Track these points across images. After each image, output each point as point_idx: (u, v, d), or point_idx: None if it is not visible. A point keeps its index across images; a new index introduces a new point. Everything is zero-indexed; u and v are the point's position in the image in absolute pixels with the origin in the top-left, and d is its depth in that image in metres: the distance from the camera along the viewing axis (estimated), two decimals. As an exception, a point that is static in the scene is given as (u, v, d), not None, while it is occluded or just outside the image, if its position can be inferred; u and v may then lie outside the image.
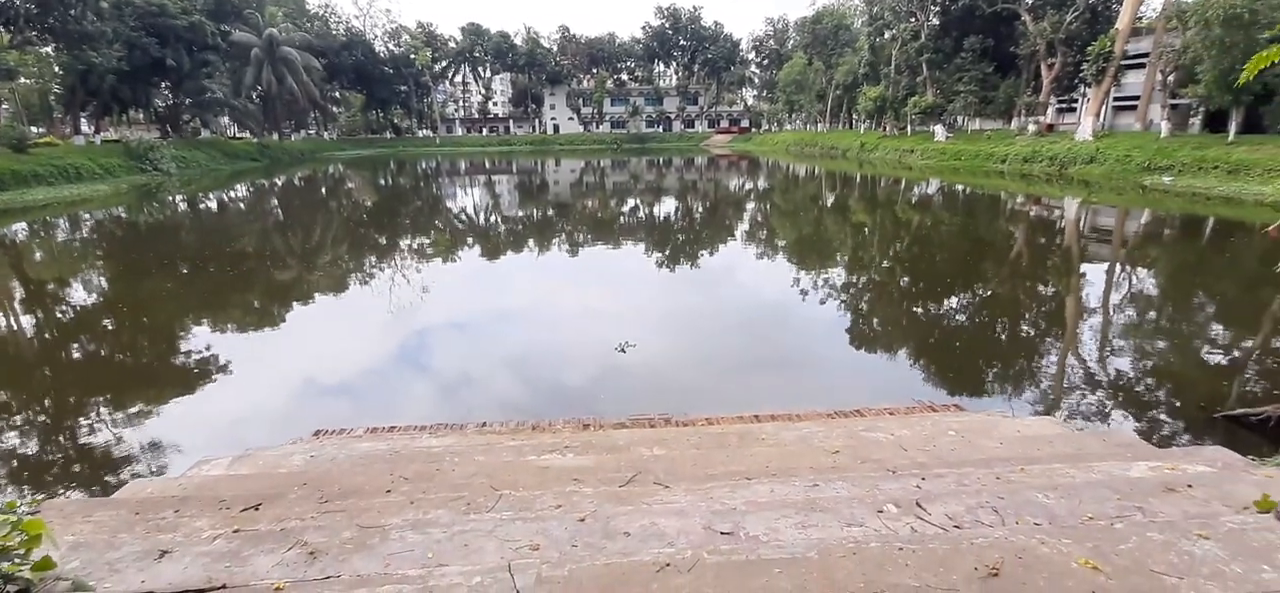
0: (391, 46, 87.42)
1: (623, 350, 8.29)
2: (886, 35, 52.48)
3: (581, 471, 3.81)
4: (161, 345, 9.46)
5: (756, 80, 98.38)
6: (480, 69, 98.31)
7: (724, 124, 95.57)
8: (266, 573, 2.38)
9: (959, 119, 48.69)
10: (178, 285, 13.04)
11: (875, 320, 10.87)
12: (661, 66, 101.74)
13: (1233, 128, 28.25)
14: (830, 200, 29.24)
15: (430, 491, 3.35)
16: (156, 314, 10.95)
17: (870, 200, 28.98)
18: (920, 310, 11.29)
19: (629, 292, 12.80)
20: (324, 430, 5.72)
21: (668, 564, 2.29)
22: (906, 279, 13.73)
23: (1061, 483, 3.20)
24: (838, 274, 14.30)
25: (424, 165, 57.01)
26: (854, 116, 63.46)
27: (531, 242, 19.26)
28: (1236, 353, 8.67)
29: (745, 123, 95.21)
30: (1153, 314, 10.67)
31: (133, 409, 6.91)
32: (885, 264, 15.31)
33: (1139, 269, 14.08)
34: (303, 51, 66.21)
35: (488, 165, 57.33)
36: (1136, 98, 37.32)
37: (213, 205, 29.15)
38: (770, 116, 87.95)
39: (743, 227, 22.26)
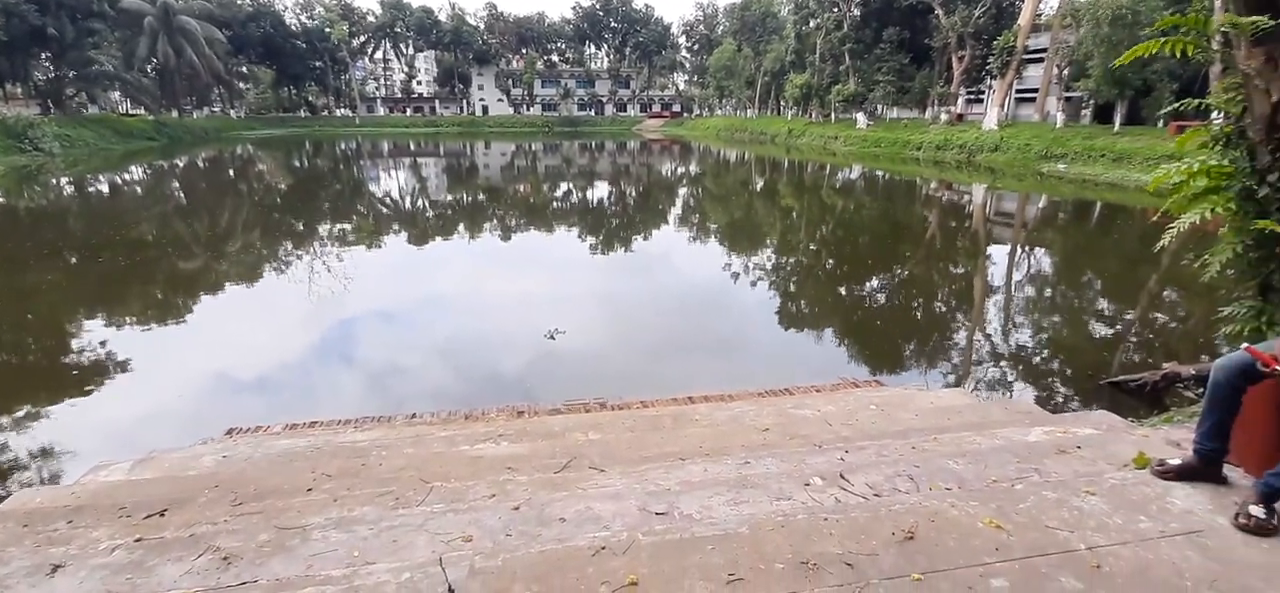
0: (304, 19, 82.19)
1: (552, 337, 8.22)
2: (811, 24, 53.91)
3: (516, 458, 3.76)
4: (49, 342, 8.62)
5: (687, 65, 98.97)
6: (402, 46, 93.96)
7: (656, 108, 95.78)
8: (174, 583, 2.23)
9: (879, 107, 50.79)
10: (65, 277, 11.89)
11: (803, 302, 11.26)
12: (593, 49, 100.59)
13: (1118, 119, 30.87)
14: (760, 185, 29.94)
15: (355, 487, 3.23)
16: (41, 309, 9.95)
17: (798, 186, 29.87)
18: (844, 292, 11.78)
19: (563, 278, 12.68)
20: (237, 429, 5.38)
21: (603, 548, 2.31)
22: (832, 262, 14.29)
23: (969, 450, 3.44)
24: (768, 258, 14.70)
25: (343, 146, 54.19)
26: (782, 103, 65.00)
27: (461, 227, 18.75)
28: (1119, 325, 9.55)
29: (677, 107, 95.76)
30: (1049, 292, 11.58)
31: (17, 413, 6.26)
32: (812, 248, 15.86)
33: (1037, 250, 15.22)
34: (203, 22, 61.08)
35: (413, 147, 55.12)
36: (1036, 90, 40.05)
37: (104, 188, 26.65)
38: (701, 102, 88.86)
39: (675, 211, 22.47)
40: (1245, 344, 2.68)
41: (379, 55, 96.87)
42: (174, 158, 40.53)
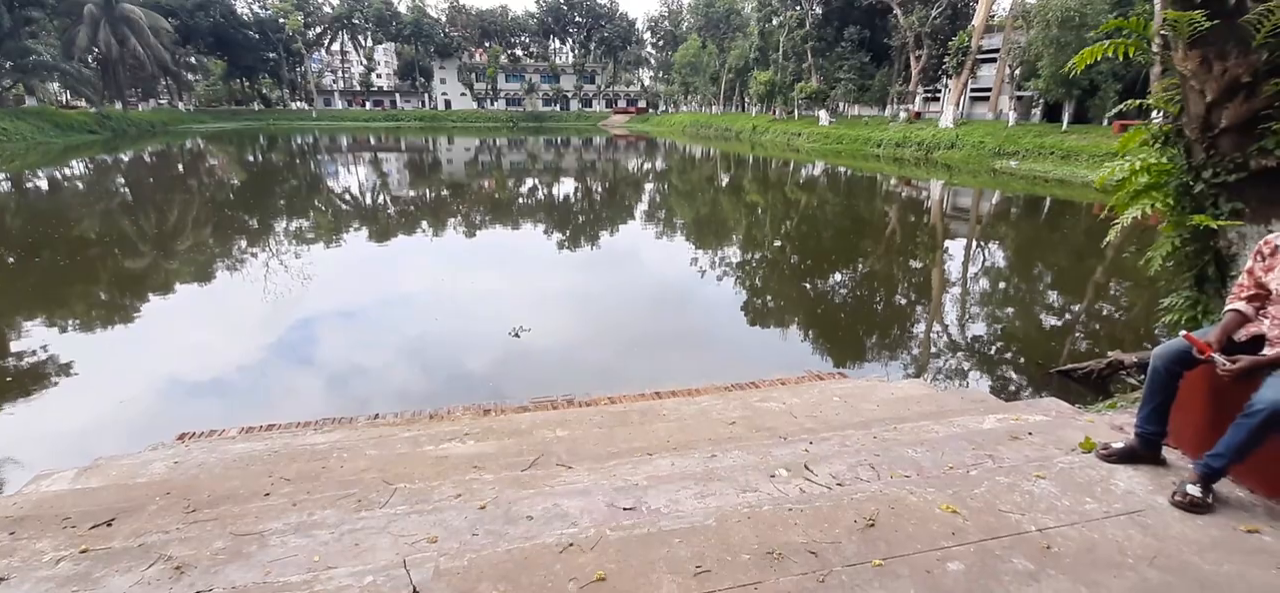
0: (256, 8, 79.35)
1: (517, 335, 8.15)
2: (774, 22, 54.49)
3: (482, 457, 3.72)
4: (-20, 347, 8.17)
5: (653, 61, 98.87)
6: (360, 38, 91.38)
7: (622, 104, 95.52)
8: (124, 595, 2.14)
9: (840, 105, 51.66)
10: (2, 278, 11.28)
11: (769, 297, 11.41)
12: (557, 43, 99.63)
13: (1066, 118, 32.06)
14: (726, 181, 30.18)
15: (315, 490, 3.15)
16: (-28, 311, 9.43)
17: (763, 182, 30.21)
18: (809, 287, 11.98)
19: (530, 275, 12.57)
20: (190, 433, 5.20)
21: (571, 545, 2.31)
22: (797, 257, 14.49)
23: (927, 438, 3.54)
24: (734, 253, 14.84)
25: (299, 140, 52.61)
26: (746, 99, 65.60)
27: (425, 224, 18.41)
28: (1068, 316, 9.95)
29: (643, 103, 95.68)
30: (1002, 284, 11.98)
31: (-56, 423, 5.92)
32: (778, 243, 16.06)
33: (991, 245, 15.73)
34: (148, 10, 58.36)
35: (373, 142, 53.84)
36: (989, 89, 41.29)
37: (43, 184, 25.32)
38: (667, 98, 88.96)
39: (642, 207, 22.50)
40: (1184, 331, 2.82)
41: (336, 47, 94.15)
42: (118, 152, 38.78)
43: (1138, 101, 5.31)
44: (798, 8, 51.18)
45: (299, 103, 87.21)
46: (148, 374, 7.22)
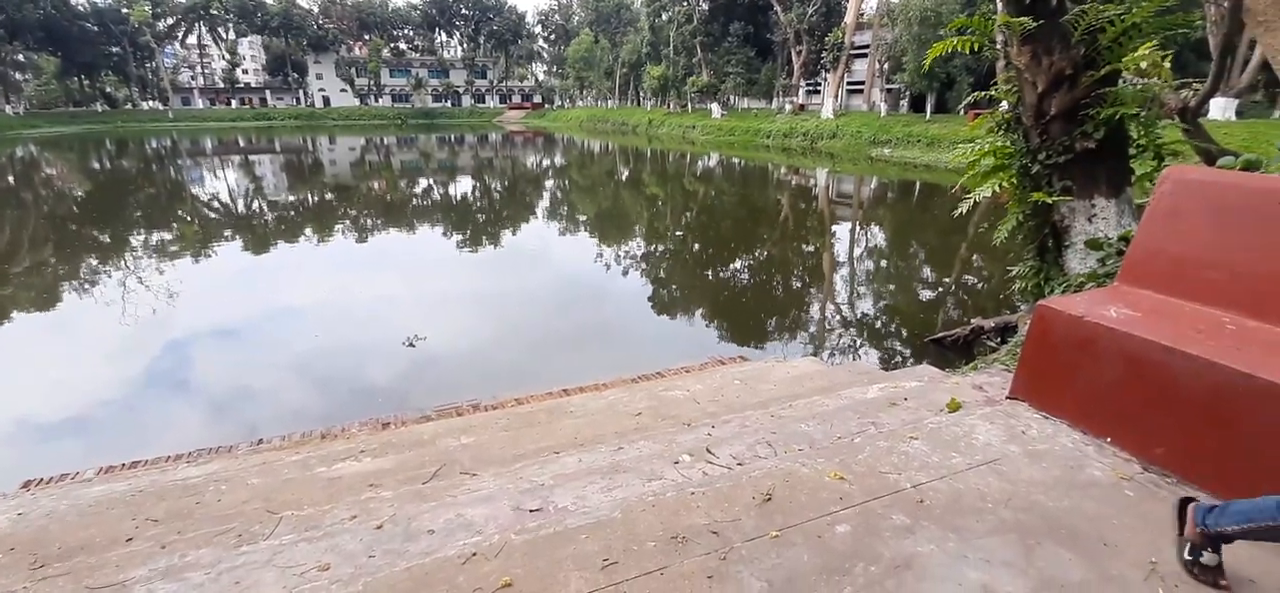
0: (94, -2, 70.58)
1: (412, 345, 7.82)
2: (664, 17, 55.50)
3: (380, 474, 3.55)
4: None
5: (546, 56, 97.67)
6: (221, 29, 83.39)
7: (516, 99, 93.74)
8: (-51, 675, 1.87)
9: (731, 98, 53.47)
10: None
11: (673, 287, 11.65)
12: (444, 36, 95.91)
13: (929, 108, 35.03)
14: (625, 175, 30.42)
15: (187, 529, 2.88)
16: None
17: (662, 175, 30.73)
18: (711, 274, 12.36)
19: (432, 280, 12.08)
20: (37, 480, 4.58)
21: (474, 554, 2.26)
22: (698, 247, 14.90)
23: (819, 412, 3.77)
24: (638, 246, 15.01)
25: (156, 144, 47.42)
26: (640, 94, 66.39)
27: (309, 231, 17.19)
28: (940, 289, 10.91)
29: (538, 98, 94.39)
30: (884, 263, 12.94)
31: None
32: (679, 234, 16.42)
33: (873, 227, 16.93)
34: (-42, 0, 50.61)
35: (243, 144, 49.49)
36: (863, 83, 44.32)
37: None
38: (562, 92, 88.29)
39: (544, 204, 22.24)
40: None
41: (193, 40, 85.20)
42: (-79, 163, 33.25)
43: (986, 92, 5.91)
44: (685, 3, 52.36)
45: (152, 102, 78.61)
46: (-25, 419, 6.28)
